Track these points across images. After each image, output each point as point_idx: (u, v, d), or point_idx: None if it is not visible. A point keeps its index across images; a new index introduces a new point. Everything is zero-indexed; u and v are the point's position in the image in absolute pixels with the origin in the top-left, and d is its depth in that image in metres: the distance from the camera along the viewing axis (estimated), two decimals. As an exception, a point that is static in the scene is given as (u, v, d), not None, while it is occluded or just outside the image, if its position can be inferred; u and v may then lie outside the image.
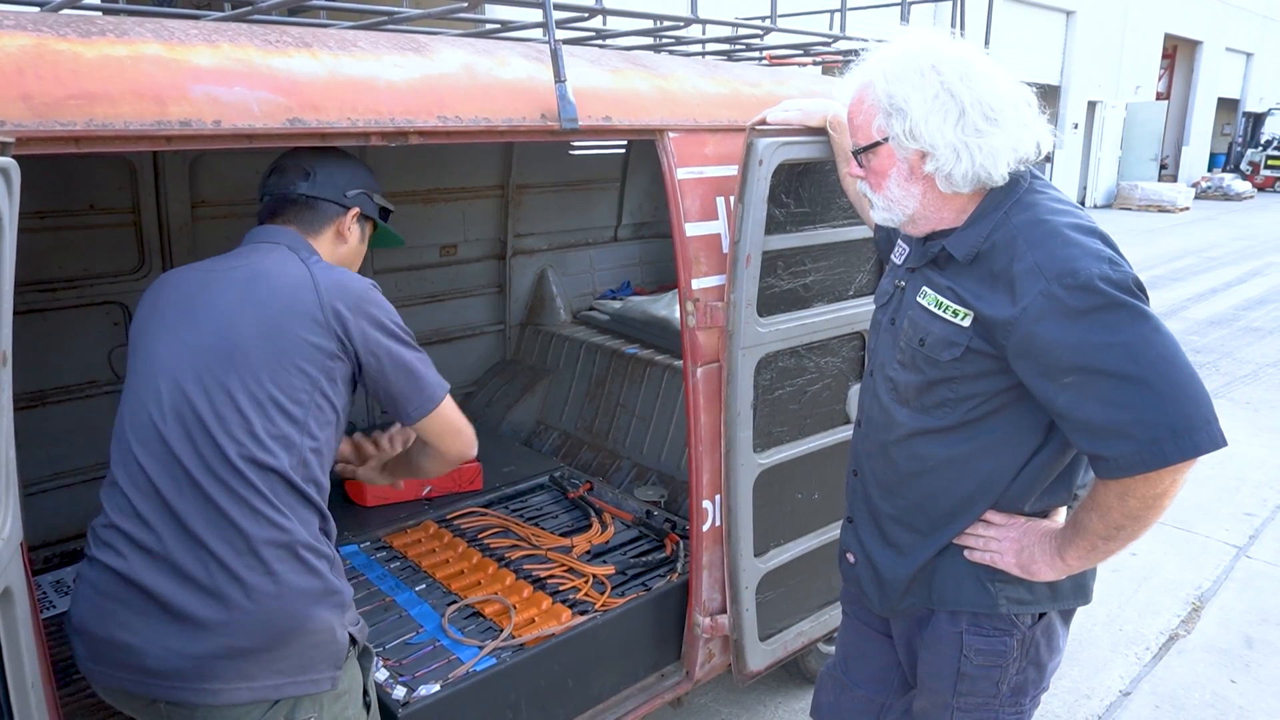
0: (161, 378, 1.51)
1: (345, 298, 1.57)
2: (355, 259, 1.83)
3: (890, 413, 1.67)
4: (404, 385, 1.64)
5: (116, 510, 1.49)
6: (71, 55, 1.34)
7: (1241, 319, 9.13)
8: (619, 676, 2.43)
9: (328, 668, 1.53)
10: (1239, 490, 4.92)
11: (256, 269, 1.60)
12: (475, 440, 1.80)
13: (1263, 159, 23.79)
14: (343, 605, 1.58)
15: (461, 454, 1.79)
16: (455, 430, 1.75)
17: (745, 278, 2.15)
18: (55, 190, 2.80)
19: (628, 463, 3.62)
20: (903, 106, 1.48)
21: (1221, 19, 23.47)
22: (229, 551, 1.45)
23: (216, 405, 1.48)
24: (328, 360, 1.55)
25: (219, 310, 1.54)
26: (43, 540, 2.90)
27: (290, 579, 1.48)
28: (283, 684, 1.48)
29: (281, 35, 1.64)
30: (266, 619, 1.46)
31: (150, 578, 1.44)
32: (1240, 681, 3.23)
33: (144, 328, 1.60)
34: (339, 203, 1.74)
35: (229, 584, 1.44)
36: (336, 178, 1.74)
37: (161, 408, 1.50)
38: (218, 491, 1.46)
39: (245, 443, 1.48)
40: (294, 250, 1.65)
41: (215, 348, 1.51)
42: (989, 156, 1.47)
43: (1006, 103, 1.47)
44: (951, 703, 1.68)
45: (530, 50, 2.02)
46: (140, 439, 1.50)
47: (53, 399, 2.94)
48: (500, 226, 4.18)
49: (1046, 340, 1.40)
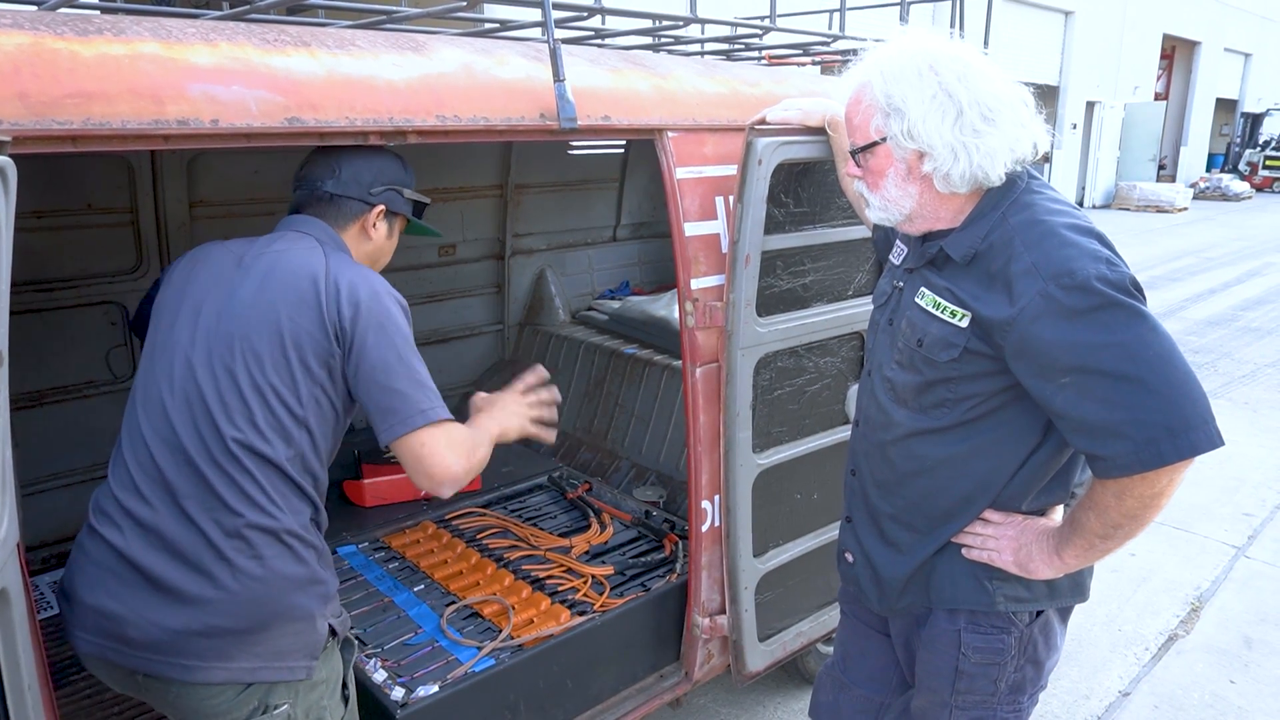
0: (177, 356, 1.55)
1: (353, 296, 1.57)
2: (383, 254, 1.83)
3: (888, 413, 1.67)
4: (383, 399, 1.57)
5: (118, 482, 1.53)
6: (69, 54, 1.34)
7: (1240, 319, 9.13)
8: (618, 677, 2.43)
9: (303, 657, 1.55)
10: (1238, 490, 4.92)
11: (279, 259, 1.61)
12: (445, 487, 1.61)
13: (1261, 159, 23.80)
14: (326, 596, 1.60)
15: (428, 490, 1.62)
16: (423, 469, 1.58)
17: (744, 278, 2.15)
18: (53, 190, 2.79)
19: (626, 463, 3.62)
20: (900, 107, 1.48)
21: (1220, 19, 23.49)
22: (218, 532, 1.48)
23: (222, 391, 1.51)
24: (330, 358, 1.56)
25: (238, 297, 1.57)
26: (40, 541, 2.89)
27: (276, 564, 1.51)
28: (258, 668, 1.50)
29: (280, 34, 1.63)
30: (249, 601, 1.48)
31: (141, 551, 1.48)
32: (1239, 682, 3.23)
33: (171, 303, 1.62)
34: (363, 200, 1.74)
35: (215, 563, 1.47)
36: (362, 175, 1.74)
37: (172, 385, 1.53)
38: (213, 474, 1.49)
39: (245, 430, 1.50)
40: (321, 243, 1.66)
41: (228, 334, 1.54)
42: (986, 157, 1.47)
43: (1004, 103, 1.47)
44: (950, 701, 1.68)
45: (529, 49, 2.02)
46: (148, 414, 1.54)
47: (50, 399, 2.93)
48: (499, 226, 4.18)
49: (1044, 340, 1.40)
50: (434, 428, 1.57)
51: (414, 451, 1.57)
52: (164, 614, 1.46)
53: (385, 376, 1.57)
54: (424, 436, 1.56)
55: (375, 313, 1.57)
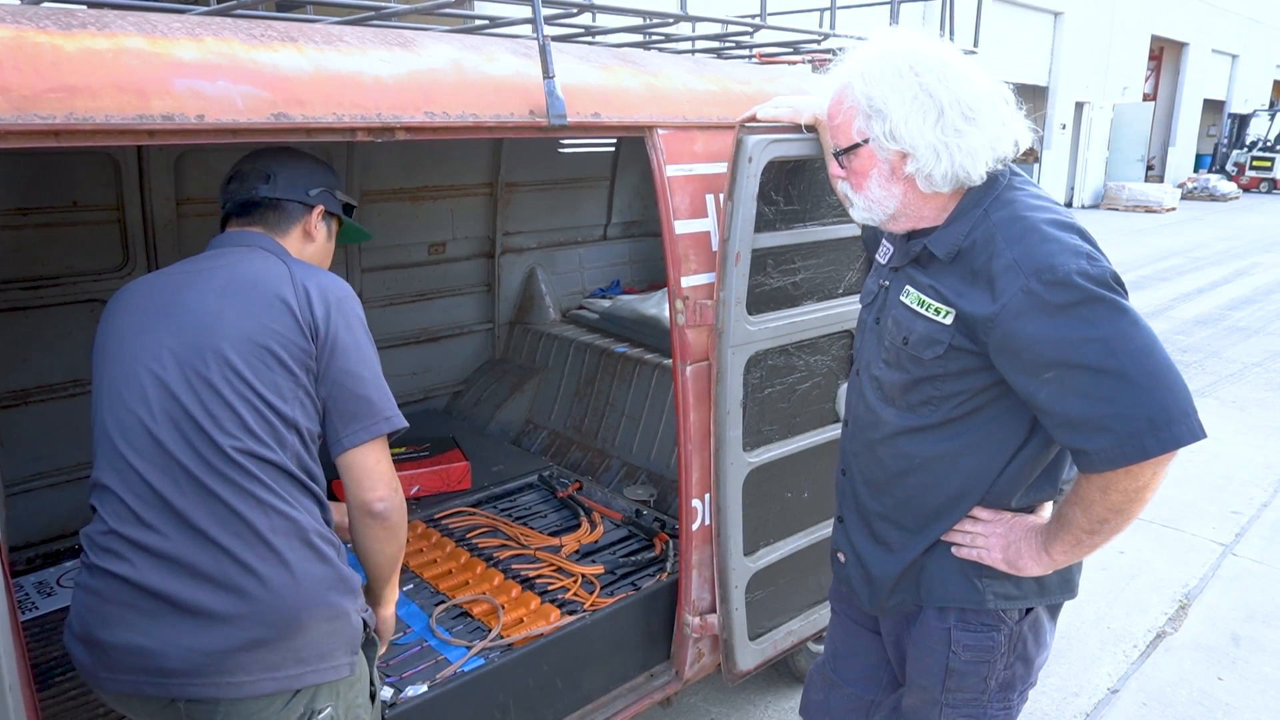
0: (146, 380, 1.49)
1: (324, 296, 1.56)
2: (324, 257, 1.80)
3: (876, 411, 1.67)
4: (349, 405, 1.55)
5: (115, 517, 1.47)
6: (51, 48, 1.32)
7: (1227, 319, 9.19)
8: (608, 676, 2.42)
9: (345, 653, 1.54)
10: (1226, 489, 4.95)
11: (236, 269, 1.57)
12: (393, 507, 1.60)
13: (1248, 160, 23.96)
14: (355, 591, 1.58)
15: (377, 509, 1.58)
16: (380, 477, 1.58)
17: (735, 276, 2.14)
18: (38, 186, 2.77)
19: (617, 462, 3.61)
20: (882, 108, 1.48)
21: (1207, 21, 23.64)
22: (239, 545, 1.45)
23: (207, 403, 1.47)
24: (307, 358, 1.54)
25: (199, 311, 1.52)
26: (25, 541, 2.87)
27: (304, 566, 1.49)
28: (305, 672, 1.49)
29: (266, 30, 1.62)
30: (285, 607, 1.46)
31: (160, 579, 1.43)
32: (1227, 678, 3.25)
33: (115, 333, 1.57)
34: (303, 202, 1.71)
35: (243, 576, 1.44)
36: (298, 178, 1.71)
37: (151, 410, 1.48)
38: (221, 486, 1.45)
39: (241, 437, 1.47)
40: (272, 253, 1.63)
41: (197, 348, 1.49)
42: (968, 156, 1.47)
43: (984, 101, 1.48)
44: (940, 699, 1.69)
45: (519, 46, 2.01)
46: (131, 443, 1.48)
47: (35, 398, 2.91)
48: (489, 224, 4.16)
49: (1026, 336, 1.41)
50: (385, 446, 1.60)
51: (375, 456, 1.57)
52: (199, 637, 1.43)
53: (355, 381, 1.56)
54: (383, 446, 1.59)
55: (346, 313, 1.57)
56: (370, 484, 1.57)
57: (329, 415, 1.56)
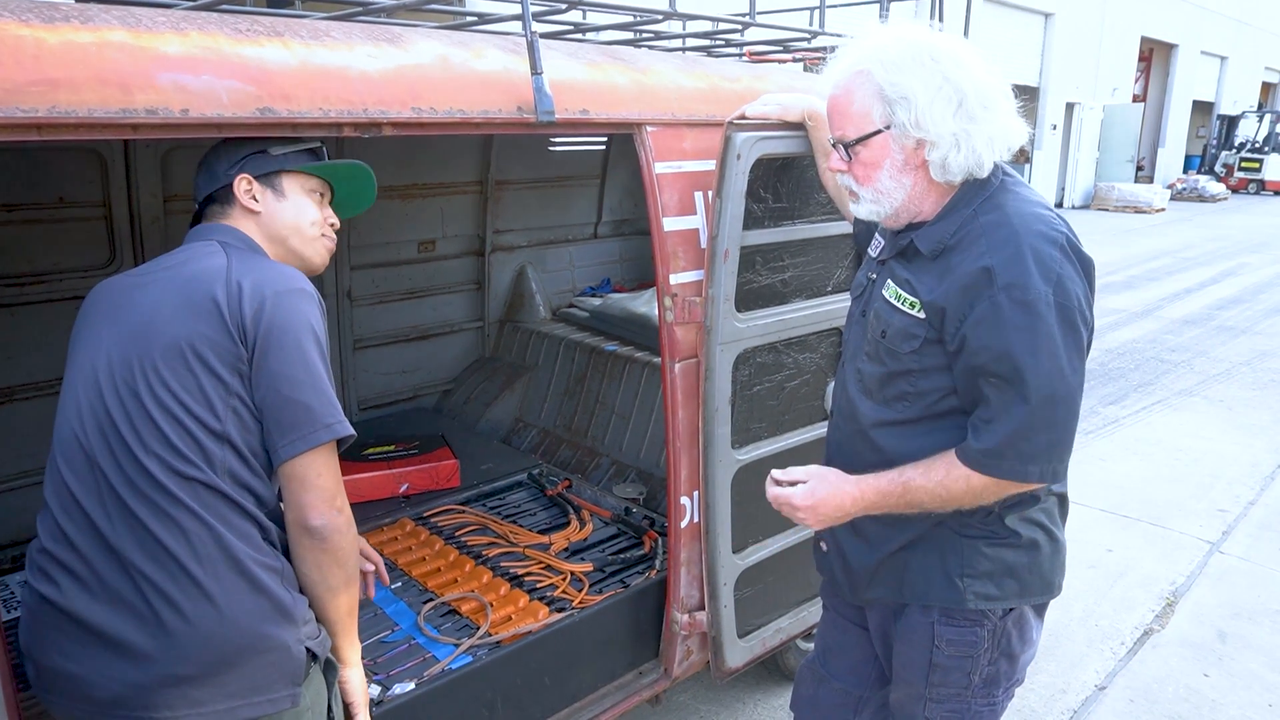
0: (83, 388, 1.42)
1: (256, 293, 1.42)
2: (285, 223, 1.60)
3: (855, 404, 1.69)
4: (284, 411, 1.42)
5: (48, 534, 1.41)
6: (34, 40, 1.31)
7: (1215, 318, 9.24)
8: (596, 674, 2.42)
9: (285, 685, 1.44)
10: (1212, 487, 4.97)
11: (176, 271, 1.48)
12: (332, 526, 1.46)
13: (1237, 161, 24.09)
14: (295, 620, 1.46)
15: (313, 525, 1.44)
16: (319, 491, 1.44)
17: (723, 273, 2.14)
18: (23, 183, 2.75)
19: (607, 460, 3.61)
20: (907, 95, 1.48)
21: (1197, 23, 23.76)
22: (161, 574, 1.35)
23: (132, 417, 1.38)
24: (238, 362, 1.41)
25: (137, 314, 1.44)
26: (11, 539, 2.84)
27: (232, 599, 1.38)
28: (236, 706, 1.39)
29: (252, 24, 1.61)
30: (209, 643, 1.37)
31: (84, 606, 1.36)
32: (1213, 675, 3.26)
33: (75, 336, 1.51)
34: (224, 182, 1.58)
35: (166, 609, 1.35)
36: (218, 163, 1.60)
37: (83, 422, 1.40)
38: (143, 509, 1.35)
39: (165, 455, 1.36)
40: (225, 245, 1.52)
41: (126, 356, 1.41)
42: (985, 144, 1.49)
43: (998, 92, 1.50)
44: (924, 693, 1.69)
45: (507, 43, 2.01)
46: (65, 456, 1.41)
47: (21, 395, 2.89)
48: (479, 223, 4.15)
49: (978, 344, 1.45)
50: (332, 452, 1.46)
51: (316, 469, 1.43)
52: (123, 668, 1.35)
53: (289, 386, 1.42)
54: (325, 454, 1.45)
55: (284, 309, 1.43)
56: (308, 499, 1.43)
57: (265, 423, 1.43)
